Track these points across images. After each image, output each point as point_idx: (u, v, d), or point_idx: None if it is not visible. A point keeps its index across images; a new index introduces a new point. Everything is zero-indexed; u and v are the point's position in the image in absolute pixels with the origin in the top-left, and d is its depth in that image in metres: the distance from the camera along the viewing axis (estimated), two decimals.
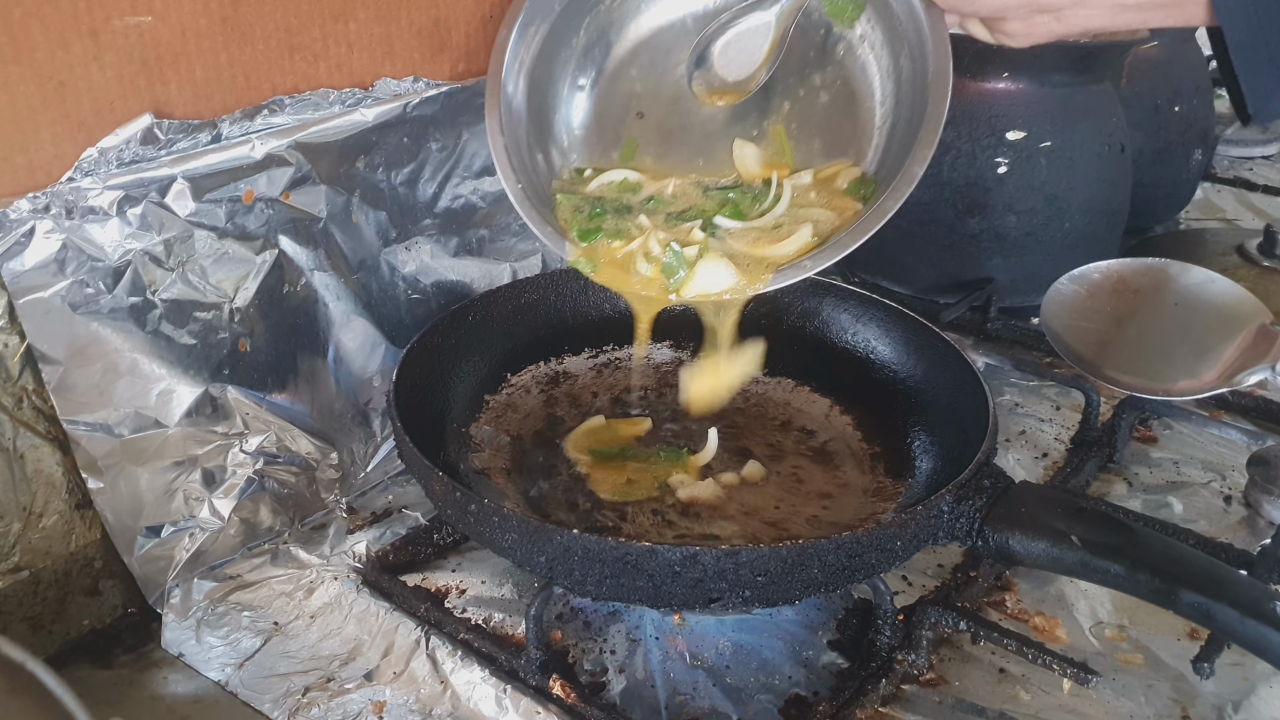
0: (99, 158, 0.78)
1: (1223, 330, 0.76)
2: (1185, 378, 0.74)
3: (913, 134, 0.79)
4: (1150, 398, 0.78)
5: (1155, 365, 0.76)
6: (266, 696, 0.75)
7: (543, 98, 0.90)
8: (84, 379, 0.77)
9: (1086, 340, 0.80)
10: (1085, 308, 0.81)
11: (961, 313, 1.21)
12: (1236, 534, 0.92)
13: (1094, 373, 0.78)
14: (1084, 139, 1.22)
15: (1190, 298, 0.79)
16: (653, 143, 0.91)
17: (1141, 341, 0.79)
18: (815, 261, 0.80)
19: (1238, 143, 1.80)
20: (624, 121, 0.91)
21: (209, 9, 0.82)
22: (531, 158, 0.88)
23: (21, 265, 0.73)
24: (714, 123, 0.90)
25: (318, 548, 0.88)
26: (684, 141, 0.90)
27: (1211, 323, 0.78)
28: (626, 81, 0.91)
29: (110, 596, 0.84)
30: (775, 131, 0.89)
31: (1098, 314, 0.81)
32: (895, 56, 0.84)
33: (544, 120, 0.90)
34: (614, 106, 0.91)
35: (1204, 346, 0.76)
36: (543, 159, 0.90)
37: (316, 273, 0.92)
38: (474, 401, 0.98)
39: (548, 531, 0.72)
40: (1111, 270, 0.82)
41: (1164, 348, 0.78)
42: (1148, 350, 0.78)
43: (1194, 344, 0.77)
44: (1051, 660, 0.74)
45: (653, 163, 0.90)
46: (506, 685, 0.74)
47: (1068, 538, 0.69)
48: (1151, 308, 0.80)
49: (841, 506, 0.88)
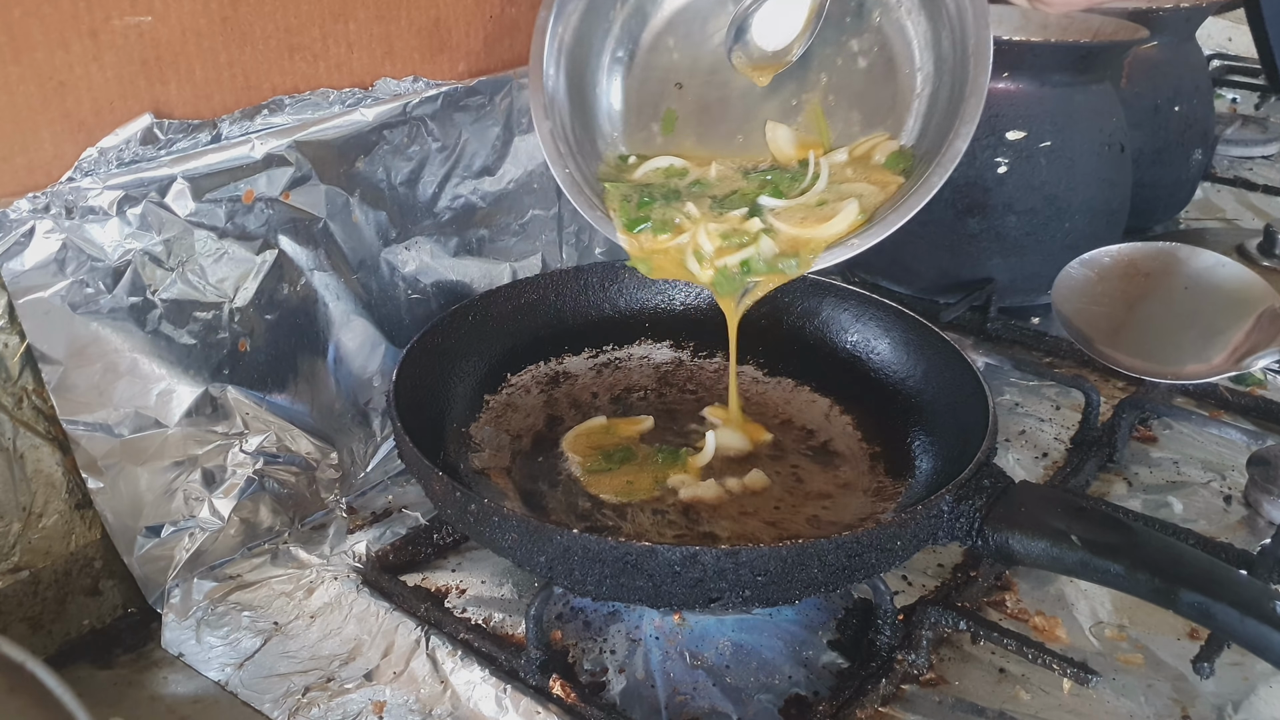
0: (99, 158, 0.78)
1: (1232, 314, 0.77)
2: (1194, 361, 0.75)
3: (955, 107, 0.79)
4: (1159, 381, 0.78)
5: (1165, 348, 0.77)
6: (266, 696, 0.75)
7: (582, 76, 0.90)
8: (84, 379, 0.77)
9: (1097, 324, 0.80)
10: (1096, 291, 0.81)
11: (961, 312, 1.21)
12: (1236, 534, 0.92)
13: (1103, 357, 0.78)
14: (1084, 139, 1.22)
15: (1200, 282, 0.79)
16: (692, 114, 0.91)
17: (1151, 325, 0.79)
18: (864, 239, 0.80)
19: (1237, 142, 1.80)
20: (663, 94, 0.92)
21: (209, 9, 0.82)
22: (575, 140, 0.88)
23: (21, 265, 0.73)
24: (752, 95, 0.89)
25: (318, 548, 0.88)
26: (723, 115, 0.90)
27: (1221, 306, 0.78)
28: (664, 53, 0.91)
29: (110, 596, 0.84)
30: (811, 107, 0.88)
31: (1108, 297, 0.81)
32: (934, 23, 0.83)
33: (584, 98, 0.91)
34: (652, 78, 0.91)
35: (1213, 330, 0.76)
36: (586, 140, 0.90)
37: (316, 272, 0.92)
38: (474, 401, 0.98)
39: (547, 531, 0.72)
40: (1122, 254, 0.83)
41: (1173, 331, 0.78)
42: (1157, 334, 0.78)
43: (1203, 327, 0.77)
44: (1051, 660, 0.74)
45: (693, 138, 0.90)
46: (506, 685, 0.74)
47: (1068, 537, 0.69)
48: (1162, 291, 0.80)
49: (841, 506, 0.88)
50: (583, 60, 0.90)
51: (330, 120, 0.91)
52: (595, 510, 0.87)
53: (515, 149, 1.07)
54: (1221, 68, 2.09)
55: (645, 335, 1.08)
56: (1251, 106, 1.96)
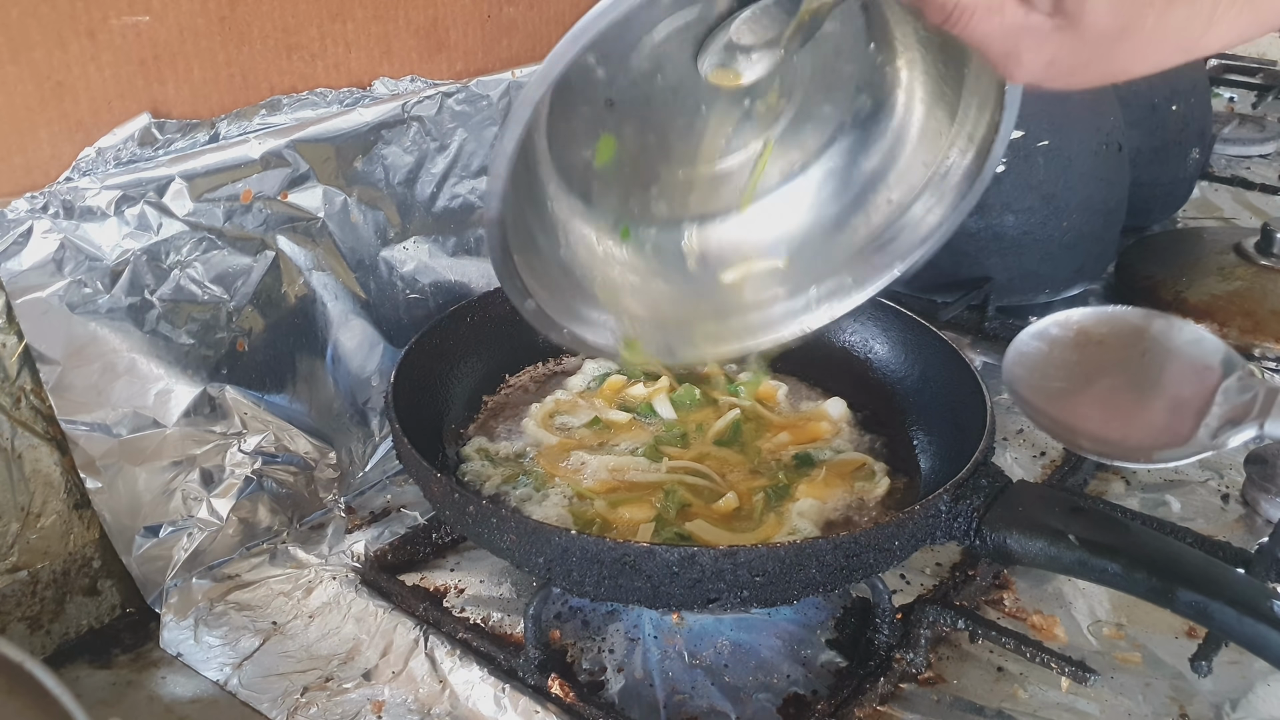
0: (97, 157, 0.78)
1: (1197, 381, 0.71)
2: (1165, 438, 0.69)
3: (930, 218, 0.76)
4: (1133, 466, 0.73)
5: (1132, 425, 0.71)
6: (265, 696, 0.75)
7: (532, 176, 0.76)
8: (82, 379, 0.77)
9: (1055, 402, 0.74)
10: (1049, 366, 0.75)
11: (959, 311, 1.21)
12: (1234, 532, 0.92)
13: (1069, 441, 0.72)
14: (1081, 138, 1.22)
15: (1158, 347, 0.74)
16: (631, 135, 0.77)
17: (1113, 399, 0.73)
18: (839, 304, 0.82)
19: (1235, 141, 1.80)
20: (594, 122, 0.76)
21: (206, 9, 0.82)
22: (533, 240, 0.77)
23: (19, 265, 0.73)
24: (692, 91, 0.76)
25: (316, 547, 0.88)
26: (666, 121, 0.77)
27: (1185, 374, 0.72)
28: (586, 71, 0.74)
29: (108, 596, 0.84)
30: (764, 122, 0.79)
31: (1064, 371, 0.74)
32: (943, 123, 0.76)
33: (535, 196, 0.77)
34: (579, 108, 0.75)
35: (1179, 400, 0.71)
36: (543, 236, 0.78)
37: (314, 272, 0.92)
38: (472, 402, 0.98)
39: (546, 532, 0.72)
40: (1071, 321, 0.75)
41: (1138, 405, 0.72)
42: (1121, 409, 0.72)
43: (1169, 398, 0.71)
44: (1049, 659, 0.74)
45: (633, 162, 0.78)
46: (505, 684, 0.74)
47: (1065, 536, 0.69)
48: (1118, 360, 0.74)
49: None
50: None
51: (328, 120, 0.91)
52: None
53: None
54: (1219, 66, 2.09)
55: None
56: (1249, 105, 1.96)
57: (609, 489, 0.86)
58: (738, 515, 0.84)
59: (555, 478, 0.87)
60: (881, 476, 0.88)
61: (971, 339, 1.21)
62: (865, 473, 0.88)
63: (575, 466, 0.88)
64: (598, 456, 0.89)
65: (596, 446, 0.92)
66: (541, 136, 0.73)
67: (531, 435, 0.93)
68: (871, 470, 0.88)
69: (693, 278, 0.84)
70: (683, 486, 0.86)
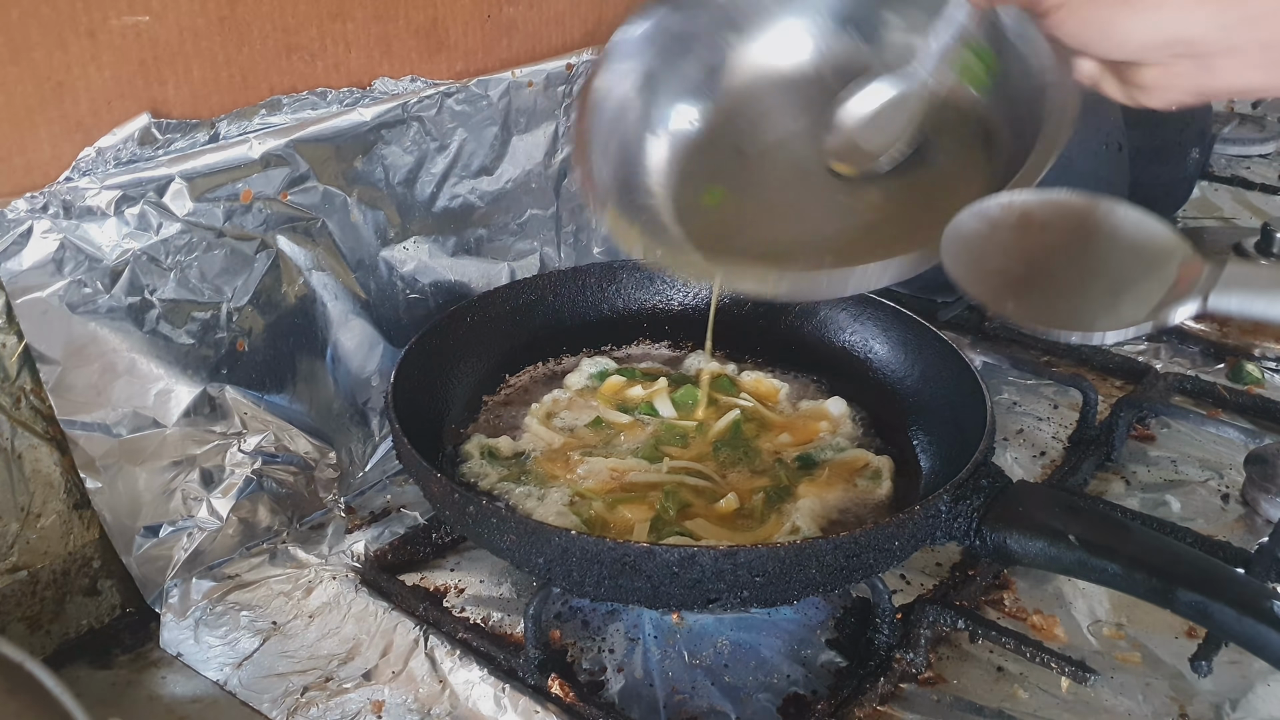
0: (96, 157, 0.78)
1: (1141, 266, 0.69)
2: (1104, 315, 0.68)
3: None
4: (1072, 338, 0.71)
5: (1071, 305, 0.70)
6: (265, 696, 0.75)
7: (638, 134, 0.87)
8: (82, 379, 0.77)
9: (991, 281, 0.73)
10: (987, 246, 0.74)
11: (959, 311, 1.21)
12: (1234, 532, 0.92)
13: (1009, 313, 0.70)
14: (1081, 137, 1.21)
15: (1102, 233, 0.73)
16: (742, 191, 0.86)
17: (1056, 281, 0.72)
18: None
19: (1235, 141, 1.80)
20: (720, 162, 0.86)
21: (206, 9, 0.82)
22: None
23: (19, 265, 0.73)
24: (813, 183, 0.84)
25: (316, 547, 0.88)
26: (777, 196, 0.85)
27: (1128, 259, 0.69)
28: (737, 116, 0.86)
29: (108, 596, 0.84)
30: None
31: (1002, 252, 0.73)
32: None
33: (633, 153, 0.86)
34: (718, 141, 0.86)
35: (1122, 284, 0.69)
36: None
37: (314, 272, 0.92)
38: (472, 402, 0.98)
39: (546, 532, 0.72)
40: (1015, 205, 0.74)
41: (1078, 287, 0.70)
42: (1060, 290, 0.71)
43: (1111, 281, 0.69)
44: (1049, 659, 0.74)
45: (735, 215, 0.85)
46: (505, 684, 0.74)
47: (1065, 537, 0.69)
48: (1061, 245, 0.73)
49: None
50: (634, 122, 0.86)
51: (328, 120, 0.91)
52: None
53: (513, 148, 1.07)
54: None
55: (643, 335, 1.08)
56: (1249, 105, 1.96)
57: (609, 489, 0.86)
58: (738, 515, 0.84)
59: (555, 478, 0.87)
60: (884, 475, 0.88)
61: (971, 339, 1.21)
62: (868, 472, 0.88)
63: (575, 466, 0.88)
64: (598, 457, 0.89)
65: (597, 446, 0.92)
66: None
67: (532, 435, 0.93)
68: (875, 469, 0.88)
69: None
70: (683, 487, 0.86)
